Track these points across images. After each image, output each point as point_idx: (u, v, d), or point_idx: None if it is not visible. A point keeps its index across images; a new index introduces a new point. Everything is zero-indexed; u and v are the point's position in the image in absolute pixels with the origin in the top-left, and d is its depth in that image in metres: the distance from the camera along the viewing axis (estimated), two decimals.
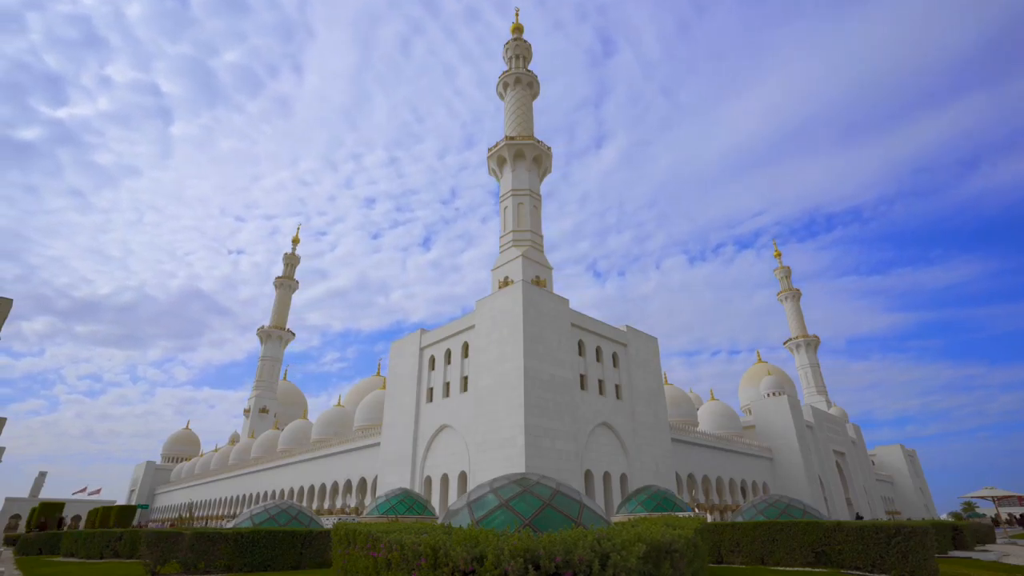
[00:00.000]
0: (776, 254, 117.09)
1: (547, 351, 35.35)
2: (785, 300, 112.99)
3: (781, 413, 65.31)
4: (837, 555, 16.52)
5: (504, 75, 58.12)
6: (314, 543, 18.81)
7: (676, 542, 6.99)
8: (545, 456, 32.10)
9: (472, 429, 35.66)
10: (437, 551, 6.24)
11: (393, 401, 45.31)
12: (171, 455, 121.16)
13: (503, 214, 50.32)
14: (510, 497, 10.52)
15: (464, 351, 39.75)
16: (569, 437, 34.44)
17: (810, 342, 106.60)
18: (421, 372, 43.28)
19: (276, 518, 21.32)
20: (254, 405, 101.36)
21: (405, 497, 26.94)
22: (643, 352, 45.62)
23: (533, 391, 33.04)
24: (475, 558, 5.89)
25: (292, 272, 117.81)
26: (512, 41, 60.34)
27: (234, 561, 17.07)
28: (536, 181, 52.07)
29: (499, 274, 46.51)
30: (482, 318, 37.97)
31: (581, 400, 37.18)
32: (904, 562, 15.14)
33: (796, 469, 61.91)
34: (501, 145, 51.86)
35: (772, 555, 17.79)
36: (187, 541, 17.23)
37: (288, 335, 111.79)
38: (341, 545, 10.01)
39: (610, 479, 37.78)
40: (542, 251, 48.91)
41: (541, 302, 36.59)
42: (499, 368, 34.74)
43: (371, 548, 7.93)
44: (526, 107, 56.50)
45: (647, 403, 43.58)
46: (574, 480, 33.11)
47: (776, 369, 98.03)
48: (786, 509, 20.56)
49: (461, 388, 38.90)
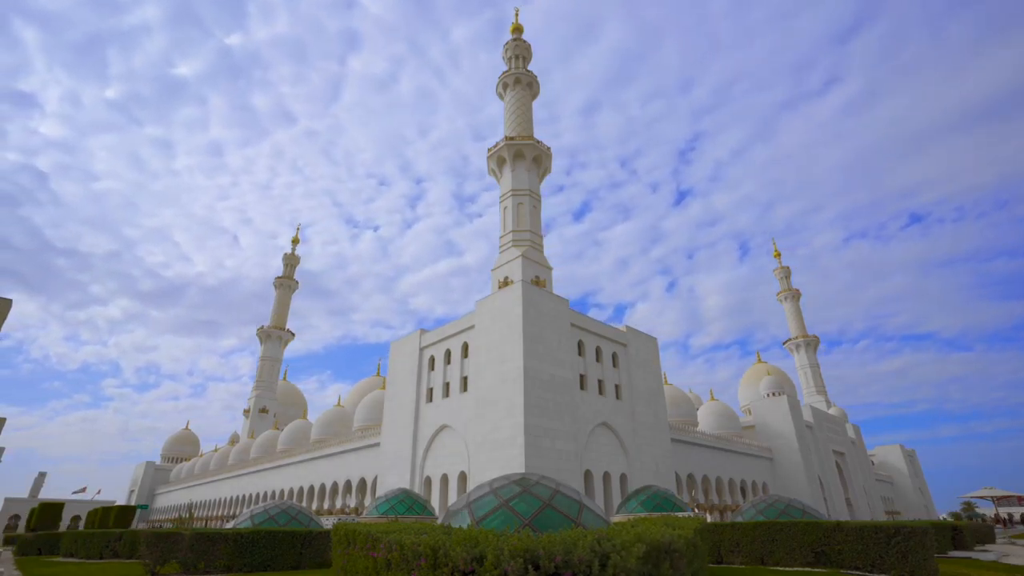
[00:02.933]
0: (775, 254, 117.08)
1: (547, 351, 35.35)
2: (785, 300, 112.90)
3: (781, 413, 65.34)
4: (837, 555, 16.53)
5: (504, 75, 58.11)
6: (314, 543, 18.81)
7: (676, 542, 6.99)
8: (545, 456, 32.10)
9: (472, 429, 35.65)
10: (437, 551, 6.25)
11: (393, 401, 45.30)
12: (171, 455, 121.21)
13: (503, 214, 50.35)
14: (510, 497, 10.53)
15: (464, 351, 39.74)
16: (569, 437, 34.43)
17: (810, 342, 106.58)
18: (421, 372, 43.27)
19: (276, 518, 21.32)
20: (254, 405, 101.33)
21: (405, 497, 26.94)
22: (643, 352, 45.62)
23: (533, 391, 33.03)
24: (475, 558, 5.90)
25: (292, 272, 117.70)
26: (512, 41, 60.35)
27: (234, 561, 17.07)
28: (536, 181, 52.10)
29: (499, 274, 46.53)
30: (482, 318, 37.97)
31: (581, 400, 37.18)
32: (904, 562, 15.15)
33: (796, 469, 61.94)
34: (501, 145, 51.87)
35: (772, 555, 17.79)
36: (187, 541, 17.22)
37: (288, 335, 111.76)
38: (341, 545, 10.02)
39: (610, 479, 37.77)
40: (542, 251, 48.94)
41: (541, 302, 36.59)
42: (499, 368, 34.74)
43: (371, 548, 7.93)
44: (526, 107, 56.50)
45: (647, 403, 43.58)
46: (574, 480, 33.11)
47: (776, 369, 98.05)
48: (786, 509, 20.59)
49: (461, 388, 38.90)
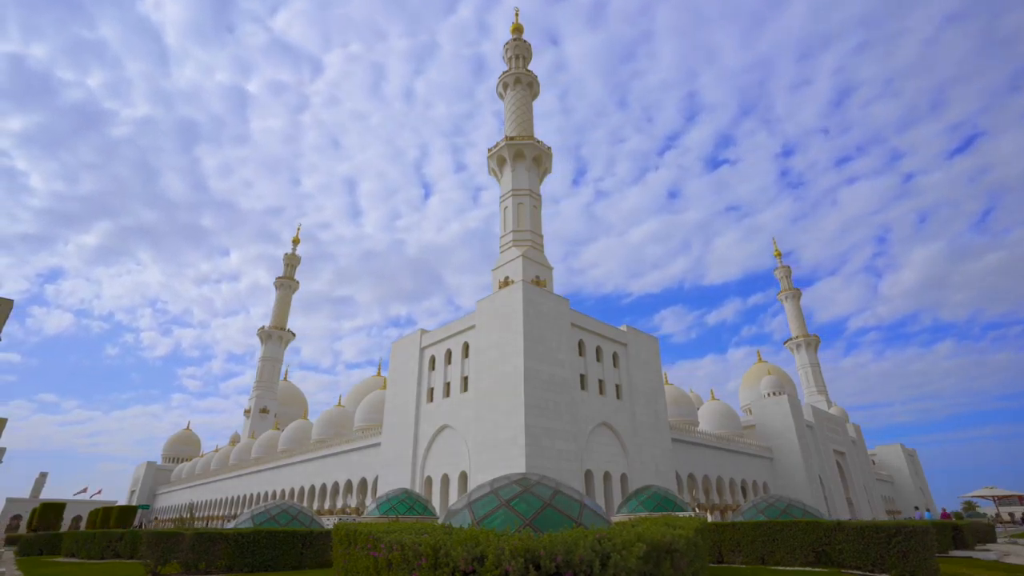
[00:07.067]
0: (776, 253, 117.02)
1: (547, 351, 35.35)
2: (786, 300, 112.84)
3: (781, 413, 65.31)
4: (837, 555, 16.52)
5: (504, 75, 58.11)
6: (315, 543, 18.82)
7: (677, 542, 6.99)
8: (545, 456, 32.10)
9: (472, 429, 35.65)
10: (438, 551, 6.24)
11: (393, 401, 45.30)
12: (171, 455, 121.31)
13: (503, 214, 50.33)
14: (510, 497, 10.52)
15: (464, 351, 39.74)
16: (569, 437, 34.43)
17: (810, 342, 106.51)
18: (421, 372, 43.27)
19: (277, 518, 21.33)
20: (254, 405, 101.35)
21: (405, 497, 26.94)
22: (643, 352, 45.61)
23: (533, 391, 33.03)
24: (475, 558, 5.89)
25: (292, 272, 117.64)
26: (512, 41, 60.33)
27: (235, 561, 17.07)
28: (536, 181, 52.09)
29: (499, 274, 46.53)
30: (482, 318, 37.98)
31: (581, 400, 37.18)
32: (904, 562, 15.13)
33: (796, 469, 61.92)
34: (501, 145, 51.86)
35: (772, 555, 17.79)
36: (188, 541, 17.22)
37: (288, 335, 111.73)
38: (342, 545, 10.01)
39: (610, 479, 37.77)
40: (542, 251, 48.93)
41: (541, 302, 36.59)
42: (499, 368, 34.74)
43: (372, 548, 7.93)
44: (526, 107, 56.49)
45: (647, 403, 43.57)
46: (574, 480, 33.11)
47: (776, 369, 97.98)
48: (786, 509, 20.59)
49: (461, 388, 38.90)
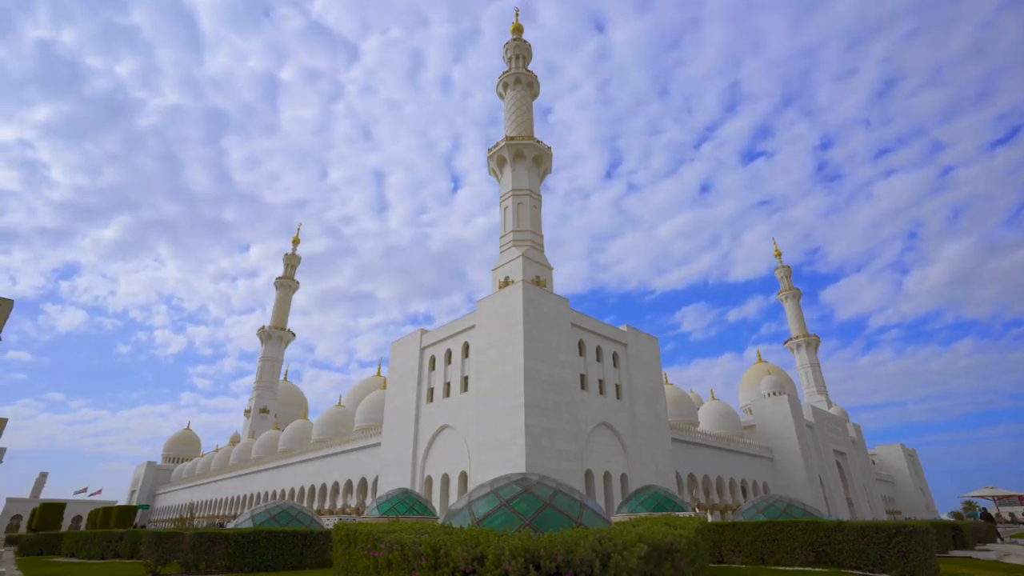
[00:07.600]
0: (776, 253, 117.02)
1: (547, 351, 35.34)
2: (786, 300, 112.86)
3: (781, 413, 65.29)
4: (838, 555, 16.51)
5: (504, 75, 58.11)
6: (315, 543, 18.80)
7: (677, 542, 6.98)
8: (545, 456, 32.10)
9: (472, 429, 35.65)
10: (438, 551, 6.24)
11: (393, 401, 45.30)
12: (172, 456, 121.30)
13: (503, 214, 50.34)
14: (511, 497, 10.52)
15: (464, 351, 39.73)
16: (569, 437, 34.43)
17: (810, 342, 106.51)
18: (421, 372, 43.26)
19: (277, 518, 21.31)
20: (254, 405, 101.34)
21: (406, 497, 26.93)
22: (643, 352, 45.60)
23: (533, 391, 33.03)
24: (475, 558, 5.89)
25: (292, 272, 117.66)
26: (512, 41, 60.35)
27: (235, 561, 17.05)
28: (536, 181, 52.08)
29: (499, 274, 46.53)
30: (482, 318, 37.97)
31: (581, 400, 37.17)
32: (904, 562, 15.12)
33: (796, 469, 61.90)
34: (501, 145, 51.86)
35: (773, 555, 17.78)
36: (188, 541, 17.21)
37: (288, 335, 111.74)
38: (342, 545, 10.01)
39: (610, 479, 37.77)
40: (542, 251, 48.92)
41: (541, 302, 36.59)
42: (499, 368, 34.74)
43: (372, 548, 7.93)
44: (526, 107, 56.49)
45: (647, 403, 43.56)
46: (574, 480, 33.10)
47: (776, 369, 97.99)
48: (786, 509, 20.59)
49: (461, 388, 38.89)
